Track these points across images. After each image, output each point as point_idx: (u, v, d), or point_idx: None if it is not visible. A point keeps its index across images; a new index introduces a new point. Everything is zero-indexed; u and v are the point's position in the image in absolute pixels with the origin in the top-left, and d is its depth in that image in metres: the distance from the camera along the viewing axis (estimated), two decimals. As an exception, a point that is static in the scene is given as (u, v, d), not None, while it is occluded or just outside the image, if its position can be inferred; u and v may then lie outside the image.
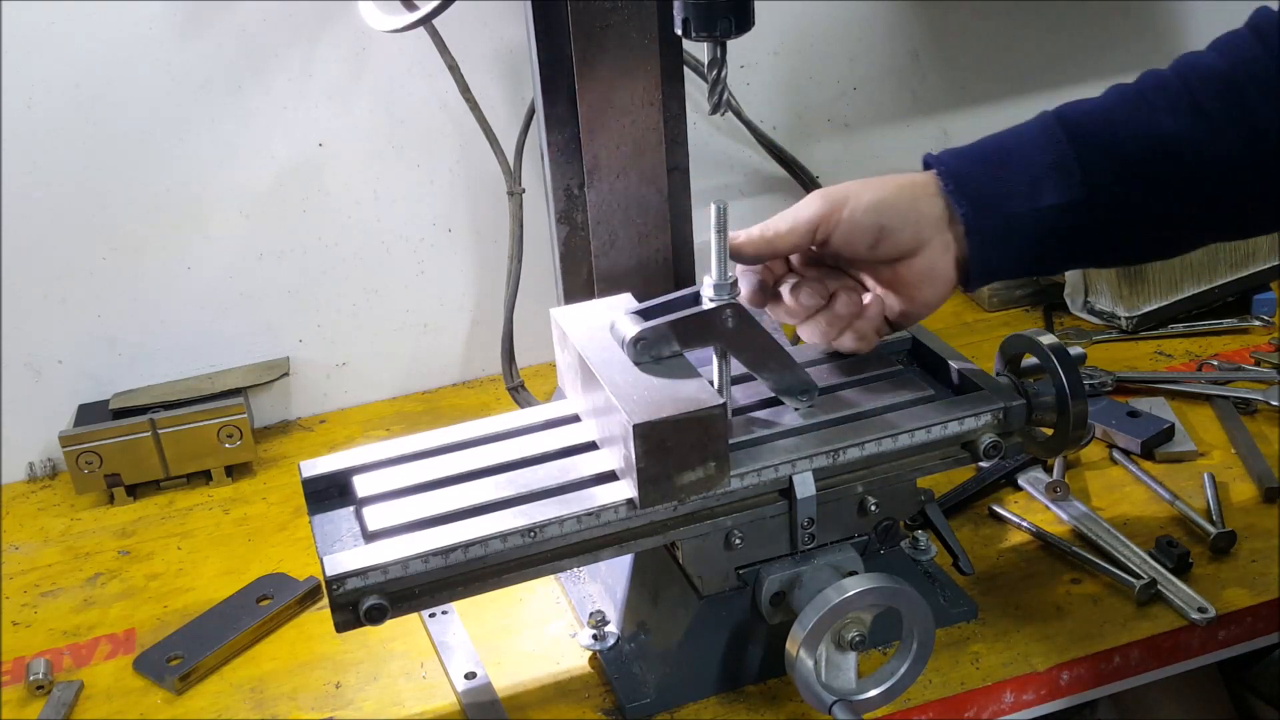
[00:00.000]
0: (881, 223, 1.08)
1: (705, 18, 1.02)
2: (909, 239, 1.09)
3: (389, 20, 1.35)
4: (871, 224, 1.08)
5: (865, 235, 1.09)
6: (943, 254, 1.10)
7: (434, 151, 1.65)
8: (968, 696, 1.16)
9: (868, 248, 1.10)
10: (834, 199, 1.09)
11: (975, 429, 1.14)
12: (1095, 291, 1.75)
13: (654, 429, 1.01)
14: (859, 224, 1.08)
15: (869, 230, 1.09)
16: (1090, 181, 1.06)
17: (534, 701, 1.19)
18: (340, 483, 1.15)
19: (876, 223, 1.08)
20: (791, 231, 1.09)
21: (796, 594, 1.12)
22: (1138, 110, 1.07)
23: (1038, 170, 1.07)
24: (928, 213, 1.09)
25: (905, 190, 1.09)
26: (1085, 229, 1.08)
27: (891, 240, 1.09)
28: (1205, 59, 1.08)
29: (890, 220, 1.08)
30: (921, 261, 1.10)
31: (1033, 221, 1.07)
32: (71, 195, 1.53)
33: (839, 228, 1.09)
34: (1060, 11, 1.88)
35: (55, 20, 1.45)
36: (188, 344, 1.65)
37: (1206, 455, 1.46)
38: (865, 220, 1.08)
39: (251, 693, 1.23)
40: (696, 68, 1.53)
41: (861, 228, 1.09)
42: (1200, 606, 1.21)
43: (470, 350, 1.78)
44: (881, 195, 1.09)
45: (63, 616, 1.36)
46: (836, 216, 1.09)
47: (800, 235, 1.09)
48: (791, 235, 1.09)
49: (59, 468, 1.64)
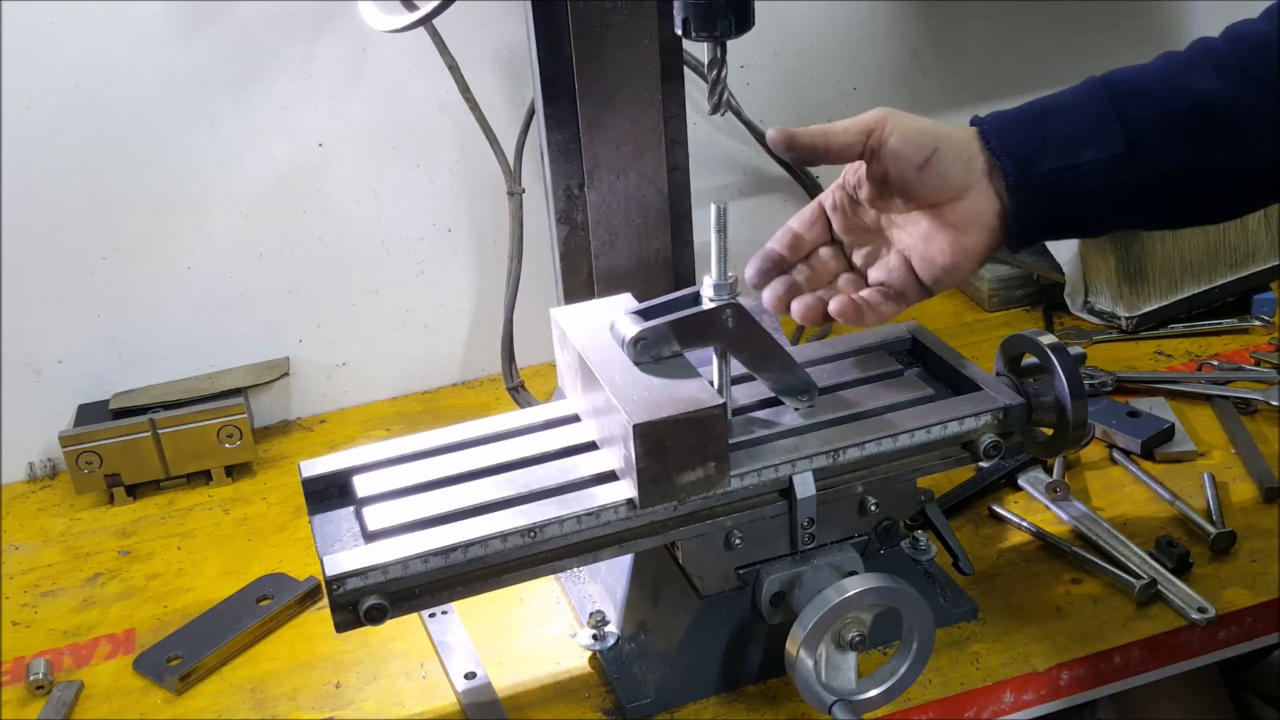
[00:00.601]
0: (936, 145, 1.06)
1: (705, 18, 1.02)
2: (958, 175, 1.07)
3: (389, 20, 1.35)
4: (926, 142, 1.06)
5: (917, 152, 1.06)
6: (987, 202, 1.07)
7: (434, 151, 1.65)
8: (968, 696, 1.16)
9: (916, 168, 1.07)
10: (893, 111, 1.08)
11: (975, 429, 1.14)
12: (1095, 291, 1.75)
13: (654, 429, 1.01)
14: (912, 137, 1.06)
15: (922, 148, 1.06)
16: (1130, 135, 1.04)
17: (534, 701, 1.19)
18: (340, 483, 1.15)
19: (931, 143, 1.06)
20: (845, 131, 1.07)
21: (796, 594, 1.12)
22: (1182, 72, 1.06)
23: (1077, 126, 1.06)
24: (974, 161, 1.07)
25: (957, 134, 1.08)
26: (1126, 185, 1.06)
27: (939, 169, 1.06)
28: (1256, 26, 1.07)
29: (943, 147, 1.06)
30: (967, 205, 1.07)
31: (1072, 176, 1.06)
32: (71, 195, 1.53)
33: (893, 136, 1.06)
34: (1060, 11, 1.88)
35: (55, 20, 1.45)
36: (188, 344, 1.65)
37: (1206, 455, 1.46)
38: (920, 137, 1.06)
39: (251, 693, 1.23)
40: (696, 68, 1.53)
41: (914, 143, 1.06)
42: (1200, 606, 1.21)
43: (470, 350, 1.78)
44: (938, 126, 1.08)
45: (63, 616, 1.36)
46: (893, 123, 1.06)
47: (854, 135, 1.07)
48: (845, 135, 1.07)
49: (59, 468, 1.64)
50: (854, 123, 1.08)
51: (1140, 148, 1.05)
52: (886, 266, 1.11)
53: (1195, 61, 1.06)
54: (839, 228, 1.14)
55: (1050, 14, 1.87)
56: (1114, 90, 1.06)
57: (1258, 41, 1.05)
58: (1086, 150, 1.05)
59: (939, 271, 1.09)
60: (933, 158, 1.06)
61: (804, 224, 1.13)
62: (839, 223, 1.13)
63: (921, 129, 1.07)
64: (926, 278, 1.09)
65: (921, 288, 1.10)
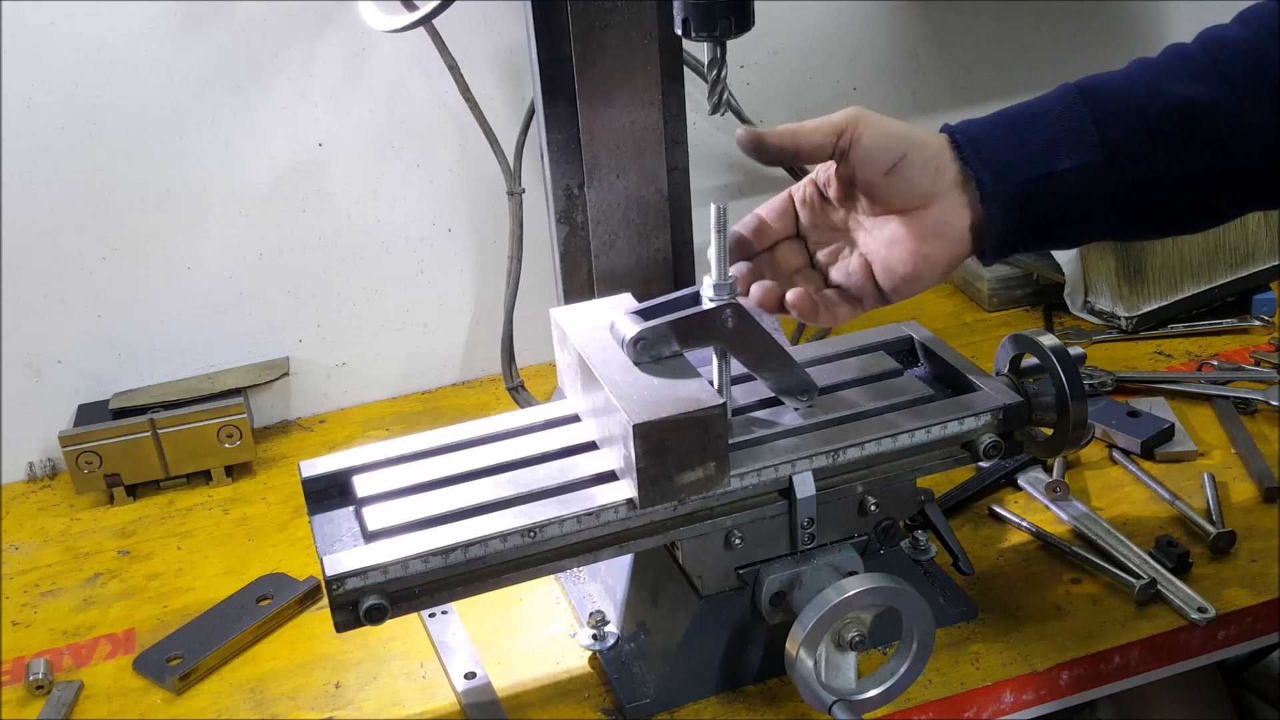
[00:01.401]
0: (905, 150, 1.05)
1: (705, 18, 1.02)
2: (925, 182, 1.06)
3: (389, 20, 1.36)
4: (895, 146, 1.06)
5: (886, 156, 1.06)
6: (956, 213, 1.06)
7: (434, 151, 1.65)
8: (968, 696, 1.16)
9: (883, 171, 1.06)
10: (865, 112, 1.07)
11: (975, 429, 1.14)
12: (1095, 291, 1.75)
13: (654, 429, 1.01)
14: (882, 142, 1.06)
15: (890, 152, 1.06)
16: (1108, 141, 1.04)
17: (534, 701, 1.19)
18: (340, 483, 1.15)
19: (900, 148, 1.05)
20: (816, 131, 1.06)
21: (796, 594, 1.12)
22: (1158, 77, 1.05)
23: (1053, 134, 1.05)
24: (945, 170, 1.06)
25: (929, 140, 1.07)
26: (1105, 194, 1.05)
27: (907, 175, 1.05)
28: (1229, 31, 1.06)
29: (912, 152, 1.05)
30: (934, 214, 1.06)
31: (1049, 186, 1.05)
32: (71, 195, 1.53)
33: (863, 137, 1.05)
34: (1060, 11, 1.88)
35: (55, 20, 1.45)
36: (188, 344, 1.65)
37: (1206, 455, 1.46)
38: (889, 141, 1.06)
39: (251, 693, 1.23)
40: (696, 68, 1.53)
41: (883, 147, 1.06)
42: (1200, 606, 1.21)
43: (470, 350, 1.78)
44: (910, 131, 1.07)
45: (63, 616, 1.36)
46: (864, 124, 1.06)
47: (825, 136, 1.06)
48: (815, 135, 1.06)
49: (59, 468, 1.64)
50: (825, 122, 1.07)
51: (1118, 155, 1.04)
52: (846, 269, 1.10)
53: (1172, 68, 1.05)
54: (806, 222, 1.13)
55: (1050, 14, 1.87)
56: (1089, 97, 1.05)
57: (1234, 47, 1.04)
58: (1063, 158, 1.04)
59: (898, 280, 1.08)
60: (901, 162, 1.05)
61: (772, 214, 1.13)
62: (806, 218, 1.13)
63: (892, 132, 1.06)
64: (885, 285, 1.08)
65: (880, 294, 1.09)
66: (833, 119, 1.07)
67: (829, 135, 1.06)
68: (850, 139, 1.06)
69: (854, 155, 1.06)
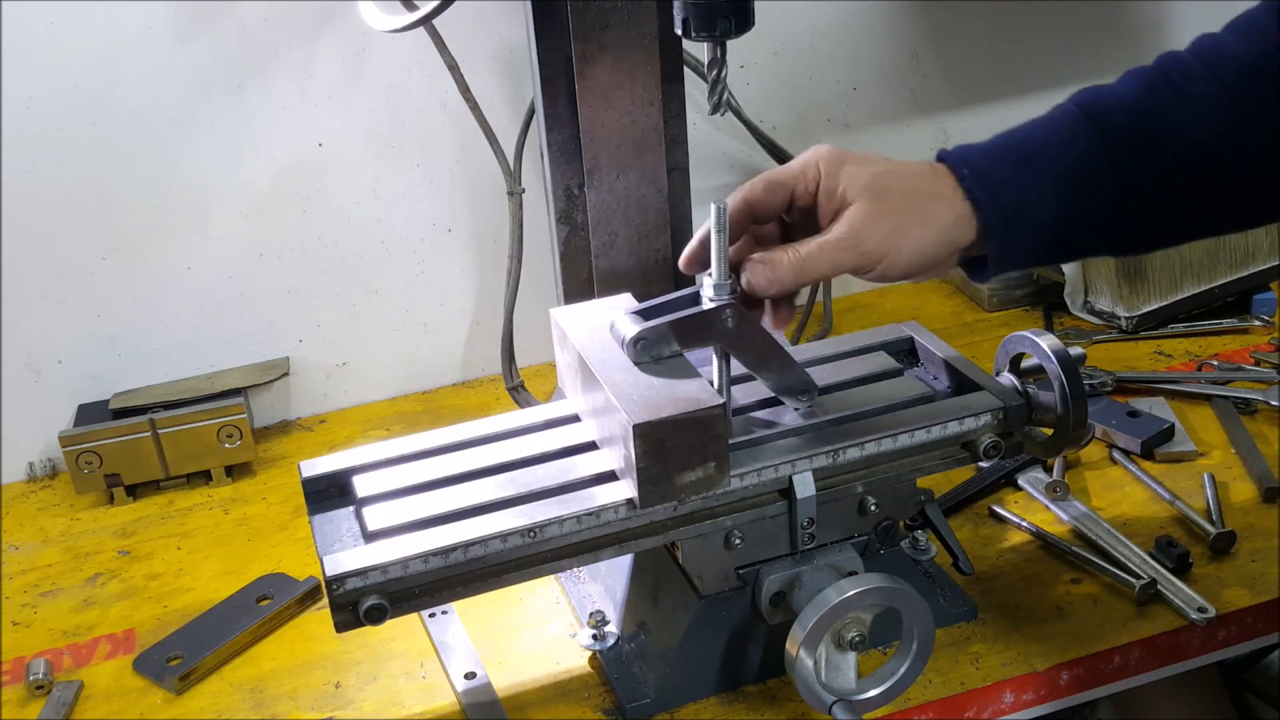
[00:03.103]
0: (933, 265, 1.05)
1: (705, 18, 1.02)
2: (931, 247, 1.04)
3: (389, 20, 1.36)
4: (926, 270, 1.05)
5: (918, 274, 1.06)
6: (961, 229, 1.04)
7: (434, 151, 1.65)
8: (968, 696, 1.16)
9: None
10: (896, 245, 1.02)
11: (975, 429, 1.14)
12: (1095, 291, 1.75)
13: (654, 429, 1.01)
14: (916, 266, 1.04)
15: (924, 271, 1.05)
16: (1124, 184, 1.03)
17: (534, 701, 1.19)
18: (340, 483, 1.15)
19: (908, 273, 1.04)
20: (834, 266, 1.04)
21: (796, 594, 1.12)
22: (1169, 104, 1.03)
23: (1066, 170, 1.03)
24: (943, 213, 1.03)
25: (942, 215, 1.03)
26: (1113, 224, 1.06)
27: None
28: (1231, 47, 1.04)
29: (924, 262, 1.04)
30: None
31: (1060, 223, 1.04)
32: (71, 195, 1.53)
33: (892, 271, 1.03)
34: (1060, 11, 1.88)
35: (55, 20, 1.45)
36: (188, 344, 1.65)
37: (1206, 455, 1.46)
38: (920, 267, 1.04)
39: (251, 693, 1.23)
40: (696, 68, 1.53)
41: (919, 268, 1.05)
42: (1200, 606, 1.21)
43: (470, 350, 1.78)
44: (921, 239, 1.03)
45: (63, 616, 1.36)
46: (891, 261, 1.03)
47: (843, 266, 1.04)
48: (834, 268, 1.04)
49: (59, 468, 1.64)
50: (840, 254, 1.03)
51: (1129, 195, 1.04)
52: None
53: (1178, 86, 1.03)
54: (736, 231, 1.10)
55: (1050, 14, 1.87)
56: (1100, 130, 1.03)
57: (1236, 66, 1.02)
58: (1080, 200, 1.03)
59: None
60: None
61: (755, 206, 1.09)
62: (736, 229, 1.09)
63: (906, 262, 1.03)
64: None
65: None
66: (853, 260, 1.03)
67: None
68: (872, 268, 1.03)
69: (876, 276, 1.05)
